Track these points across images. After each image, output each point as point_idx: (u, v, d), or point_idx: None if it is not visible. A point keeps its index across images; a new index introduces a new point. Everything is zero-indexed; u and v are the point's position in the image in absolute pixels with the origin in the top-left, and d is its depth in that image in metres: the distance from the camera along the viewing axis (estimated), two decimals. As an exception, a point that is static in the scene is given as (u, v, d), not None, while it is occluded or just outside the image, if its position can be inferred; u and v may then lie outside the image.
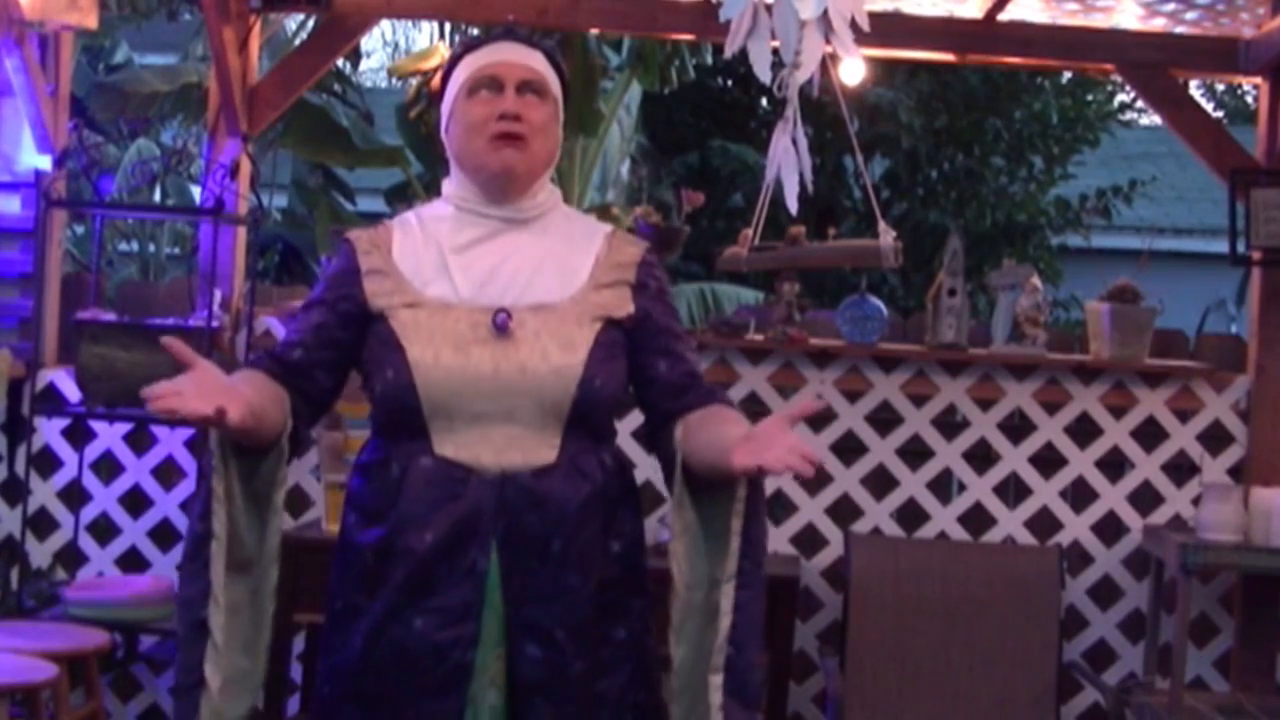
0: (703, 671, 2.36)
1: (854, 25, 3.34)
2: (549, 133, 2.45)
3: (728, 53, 3.40)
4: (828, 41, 3.33)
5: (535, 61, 2.46)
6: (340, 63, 7.86)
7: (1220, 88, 17.57)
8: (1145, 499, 4.76)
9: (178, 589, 2.43)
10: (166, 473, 4.90)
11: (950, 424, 4.82)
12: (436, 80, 7.25)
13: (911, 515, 4.82)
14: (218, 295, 4.68)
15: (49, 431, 4.86)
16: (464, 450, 2.34)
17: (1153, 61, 4.83)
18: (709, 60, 7.97)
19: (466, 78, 2.45)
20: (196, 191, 7.28)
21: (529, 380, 2.34)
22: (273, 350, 2.47)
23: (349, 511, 2.45)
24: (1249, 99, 15.53)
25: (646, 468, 3.37)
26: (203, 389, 2.16)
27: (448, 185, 2.52)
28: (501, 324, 2.35)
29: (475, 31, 7.97)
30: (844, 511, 4.80)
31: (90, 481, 4.89)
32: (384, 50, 19.95)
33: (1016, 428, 4.81)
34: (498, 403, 2.34)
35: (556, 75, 2.50)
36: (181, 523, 4.85)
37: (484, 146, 2.41)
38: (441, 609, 2.32)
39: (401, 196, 7.54)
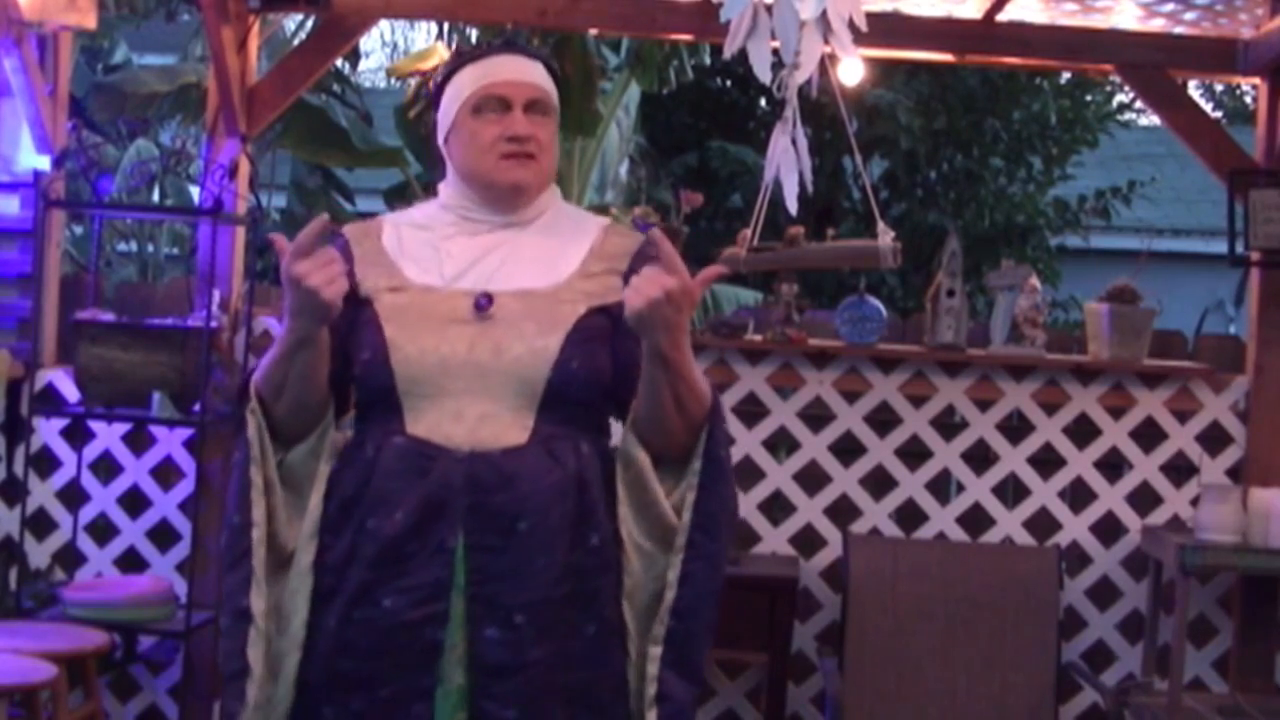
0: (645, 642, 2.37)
1: (852, 25, 3.34)
2: (553, 148, 2.49)
3: (727, 53, 3.40)
4: (826, 42, 3.33)
5: (538, 77, 2.47)
6: (339, 63, 7.84)
7: (1219, 88, 17.57)
8: (1144, 500, 4.76)
9: (222, 577, 2.42)
10: (165, 473, 4.90)
11: (949, 425, 4.82)
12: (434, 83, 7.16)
13: (910, 516, 4.82)
14: (216, 295, 4.68)
15: (48, 432, 4.86)
16: (435, 430, 2.35)
17: (1152, 62, 4.83)
18: (708, 61, 7.96)
19: (471, 94, 2.44)
20: (195, 192, 7.28)
21: (503, 360, 2.34)
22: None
23: (327, 497, 2.44)
24: (1248, 99, 15.54)
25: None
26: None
27: (445, 191, 2.52)
28: (482, 305, 2.36)
29: (474, 33, 7.98)
30: (843, 512, 4.80)
31: (89, 482, 4.89)
32: (383, 51, 19.98)
33: (1015, 428, 4.81)
34: (472, 383, 2.34)
35: (555, 82, 2.52)
36: (180, 523, 4.85)
37: (494, 165, 2.42)
38: (411, 588, 2.32)
39: (400, 197, 7.54)
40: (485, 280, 2.40)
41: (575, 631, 2.36)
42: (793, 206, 3.47)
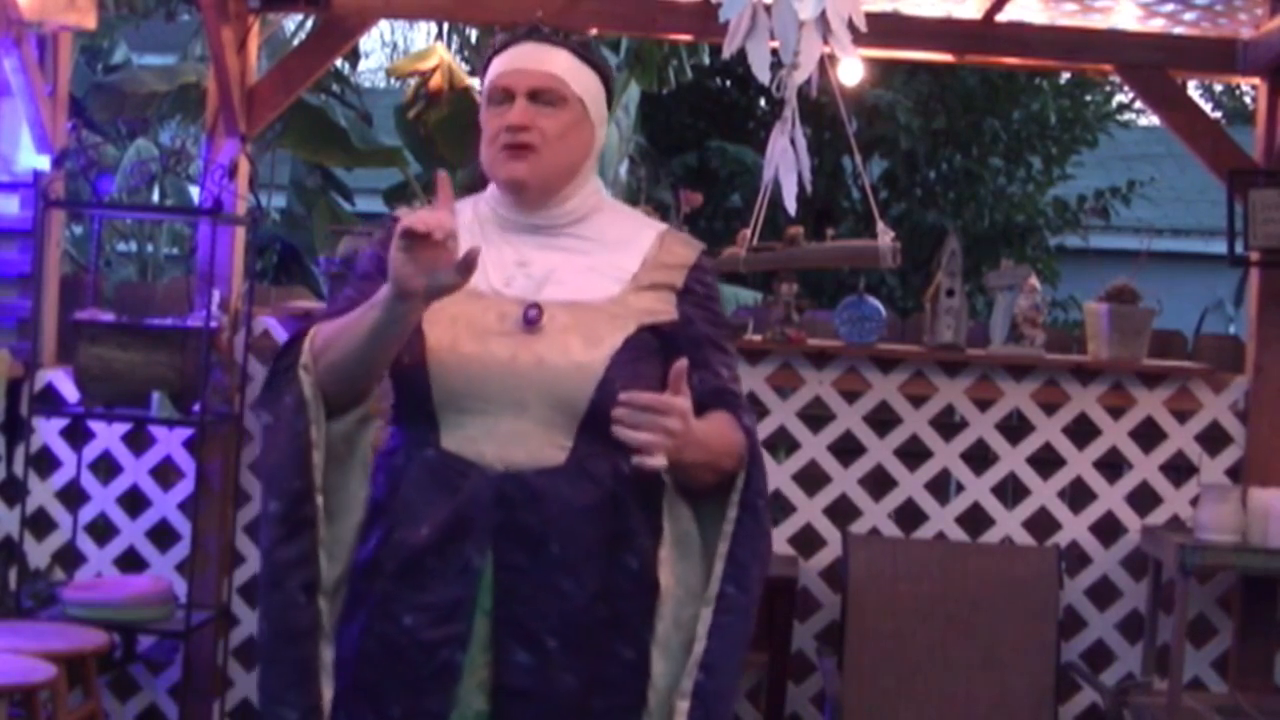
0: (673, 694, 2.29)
1: (851, 25, 3.34)
2: (567, 138, 2.34)
3: (726, 53, 3.41)
4: (825, 42, 3.34)
5: (553, 64, 2.35)
6: (339, 63, 7.85)
7: (1219, 88, 17.57)
8: (1143, 499, 4.76)
9: (272, 548, 2.30)
10: (165, 473, 4.90)
11: (948, 424, 4.82)
12: (436, 80, 7.19)
13: (910, 516, 4.82)
14: (216, 295, 4.68)
15: (47, 432, 4.86)
16: (468, 445, 2.26)
17: (1151, 62, 4.83)
18: (707, 60, 7.97)
19: (485, 86, 2.38)
20: (195, 192, 7.28)
21: (545, 374, 2.25)
22: (326, 312, 2.40)
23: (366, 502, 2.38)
24: (1247, 99, 15.54)
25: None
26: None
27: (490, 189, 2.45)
28: (532, 319, 2.27)
29: (474, 34, 7.98)
30: (842, 512, 4.80)
31: (89, 482, 4.89)
32: (382, 51, 19.97)
33: (1015, 428, 4.81)
34: (510, 396, 2.25)
35: (592, 69, 2.38)
36: (180, 523, 4.85)
37: (494, 159, 2.34)
38: (431, 606, 2.25)
39: (400, 197, 7.54)
40: (535, 289, 2.30)
41: (610, 656, 2.29)
42: (791, 206, 3.47)
